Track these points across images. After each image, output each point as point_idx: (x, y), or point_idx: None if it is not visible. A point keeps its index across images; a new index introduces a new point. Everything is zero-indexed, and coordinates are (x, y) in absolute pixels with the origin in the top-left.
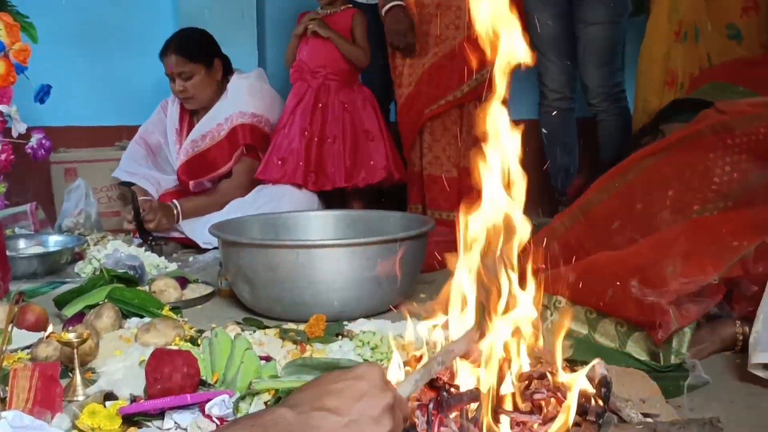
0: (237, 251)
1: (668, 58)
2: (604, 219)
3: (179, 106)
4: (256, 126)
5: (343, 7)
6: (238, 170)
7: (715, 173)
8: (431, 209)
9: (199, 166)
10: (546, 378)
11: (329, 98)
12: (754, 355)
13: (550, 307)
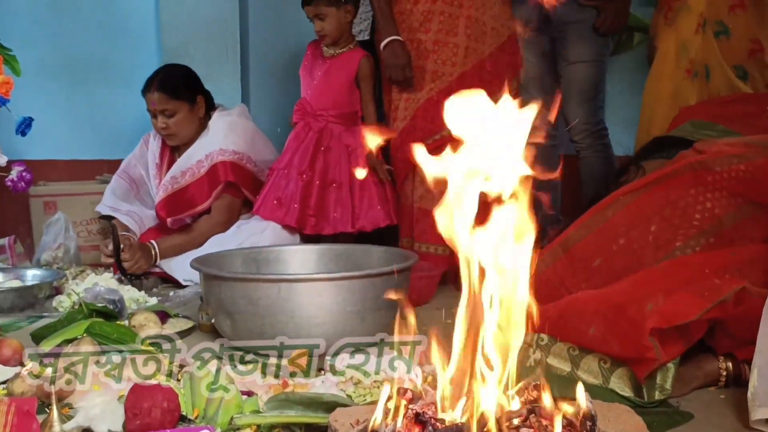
0: (218, 285)
1: (677, 95)
2: (585, 256)
3: (161, 141)
4: (237, 163)
5: (350, 46)
6: (218, 207)
7: (696, 209)
8: (419, 242)
9: (178, 202)
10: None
11: (332, 142)
12: (754, 412)
13: (533, 345)
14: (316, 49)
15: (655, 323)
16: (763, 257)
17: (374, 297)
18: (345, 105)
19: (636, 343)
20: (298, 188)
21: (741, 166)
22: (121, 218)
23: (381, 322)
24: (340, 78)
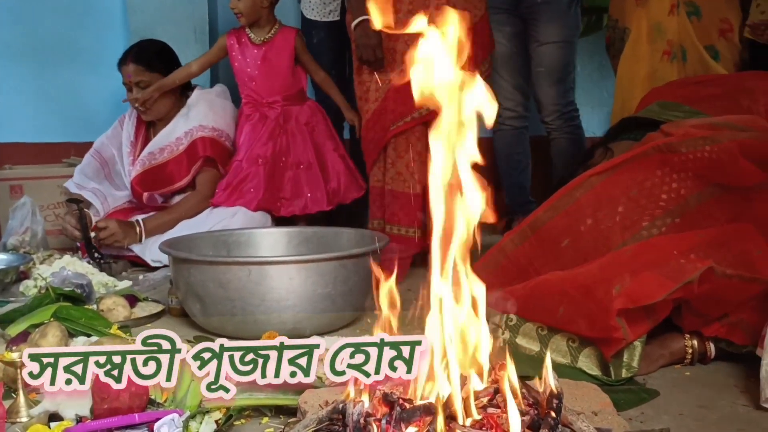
0: (188, 268)
1: (654, 78)
2: (553, 237)
3: (136, 120)
4: (217, 139)
5: (276, 28)
6: (202, 181)
7: (663, 190)
8: (390, 224)
9: (155, 178)
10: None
11: (292, 125)
12: (767, 390)
13: (502, 325)
14: (240, 37)
15: (622, 304)
16: (727, 238)
17: (344, 279)
18: (291, 86)
19: (603, 323)
20: (258, 175)
21: (707, 148)
22: (86, 194)
23: (352, 304)
24: (281, 61)
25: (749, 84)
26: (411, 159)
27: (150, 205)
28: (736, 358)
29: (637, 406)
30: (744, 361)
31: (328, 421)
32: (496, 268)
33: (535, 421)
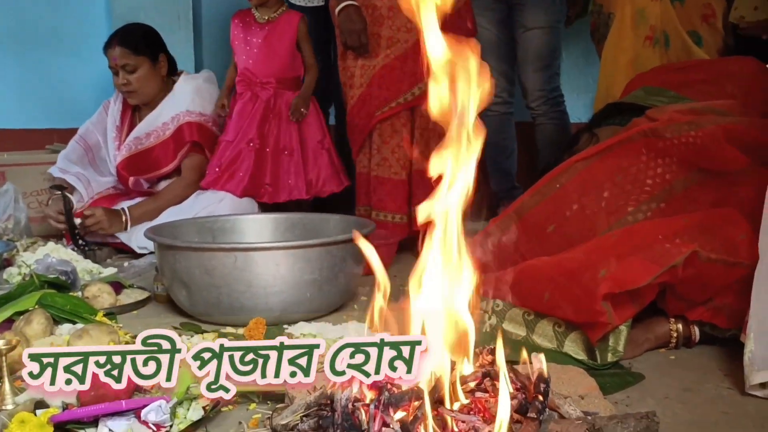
0: (173, 255)
1: (637, 64)
2: (539, 222)
3: (121, 104)
4: (203, 125)
5: (282, 9)
6: (188, 167)
7: (648, 175)
8: (376, 210)
9: (142, 163)
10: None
11: (281, 108)
12: (752, 376)
13: (488, 311)
14: (246, 17)
15: (608, 288)
16: (712, 222)
17: (331, 265)
18: (289, 70)
19: (589, 308)
20: (249, 159)
21: (691, 133)
22: (69, 179)
23: (338, 290)
24: (282, 43)
25: (733, 69)
26: (397, 145)
27: (136, 190)
28: (721, 341)
29: (623, 390)
30: (728, 344)
31: (316, 406)
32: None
33: (522, 405)
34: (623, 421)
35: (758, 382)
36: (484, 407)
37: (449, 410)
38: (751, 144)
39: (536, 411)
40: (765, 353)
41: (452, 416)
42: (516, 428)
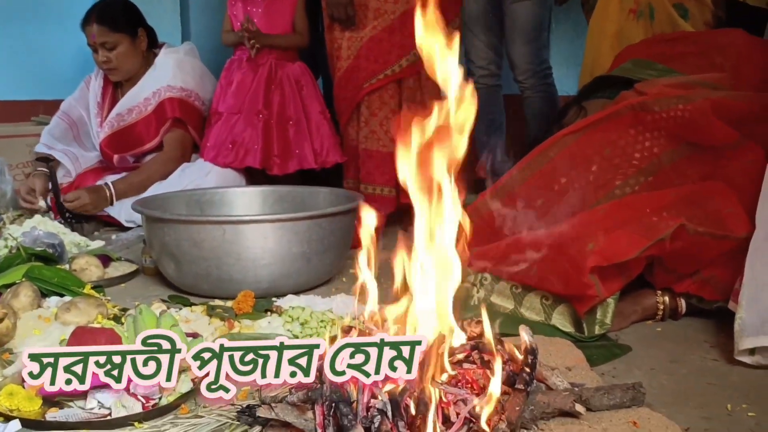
0: (161, 228)
1: (621, 36)
2: (527, 197)
3: (102, 80)
4: (185, 100)
5: None
6: (170, 142)
7: (636, 149)
8: (365, 183)
9: (124, 140)
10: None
11: (283, 78)
12: (741, 341)
13: (476, 284)
14: None
15: (596, 262)
16: (699, 196)
17: (320, 238)
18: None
19: (577, 281)
20: (258, 129)
21: (680, 106)
22: (56, 155)
23: (327, 263)
24: (283, 13)
25: (723, 41)
26: (385, 117)
27: (121, 166)
28: (707, 314)
29: (610, 362)
30: (714, 316)
31: None
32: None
33: (510, 377)
34: (610, 392)
35: (747, 347)
36: (473, 379)
37: (437, 382)
38: (740, 118)
39: (524, 382)
40: (755, 320)
41: (440, 388)
42: (504, 400)
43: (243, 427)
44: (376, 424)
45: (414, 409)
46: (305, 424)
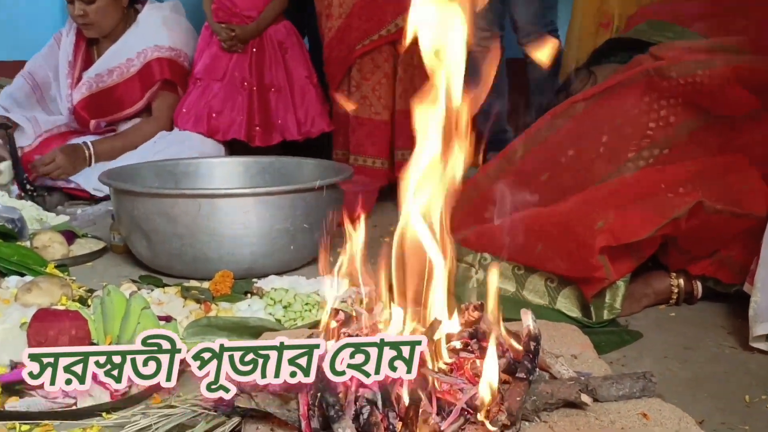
0: (132, 201)
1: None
2: (531, 170)
3: (75, 36)
4: (175, 60)
5: None
6: (160, 107)
7: (650, 118)
8: (354, 155)
9: (104, 103)
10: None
11: (265, 42)
12: (756, 327)
13: (475, 265)
14: None
15: (605, 241)
16: (718, 170)
17: (305, 214)
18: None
19: (584, 262)
20: (243, 99)
21: (699, 72)
22: (15, 117)
23: (312, 242)
24: None
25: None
26: (378, 82)
27: (97, 132)
28: (724, 297)
29: (619, 349)
30: (732, 300)
31: None
32: (469, 204)
33: (511, 365)
34: (618, 382)
35: (761, 334)
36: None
37: (431, 370)
38: (763, 85)
39: (525, 371)
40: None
41: (434, 377)
42: (504, 389)
43: (220, 419)
44: (365, 416)
45: (406, 399)
46: (288, 415)
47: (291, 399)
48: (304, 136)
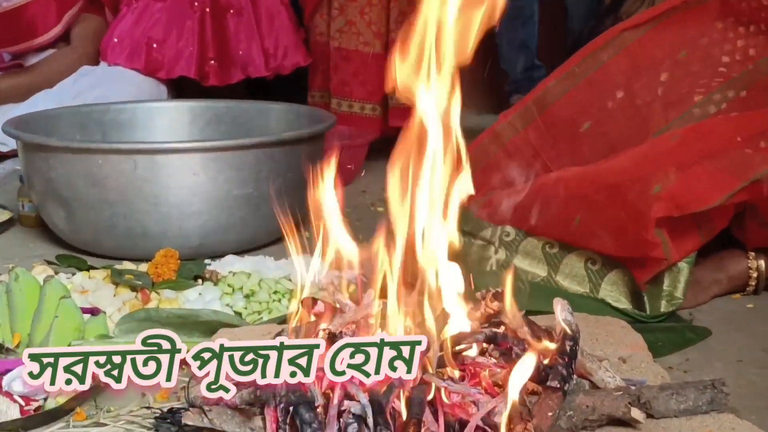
0: (46, 159)
1: None
2: (569, 118)
3: None
4: None
5: None
6: (81, 34)
7: (724, 50)
8: (338, 98)
9: (10, 29)
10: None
11: None
12: None
13: (495, 242)
14: None
15: (664, 211)
16: None
17: (272, 176)
18: None
19: (637, 238)
20: (194, 23)
21: None
22: None
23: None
24: None
25: None
26: (368, 3)
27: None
28: None
29: (681, 350)
30: None
31: None
32: (488, 161)
33: (541, 371)
34: (680, 393)
35: None
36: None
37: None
38: None
39: (559, 379)
40: None
41: (443, 386)
42: (531, 402)
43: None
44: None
45: (404, 412)
46: None
47: (254, 415)
48: (272, 73)
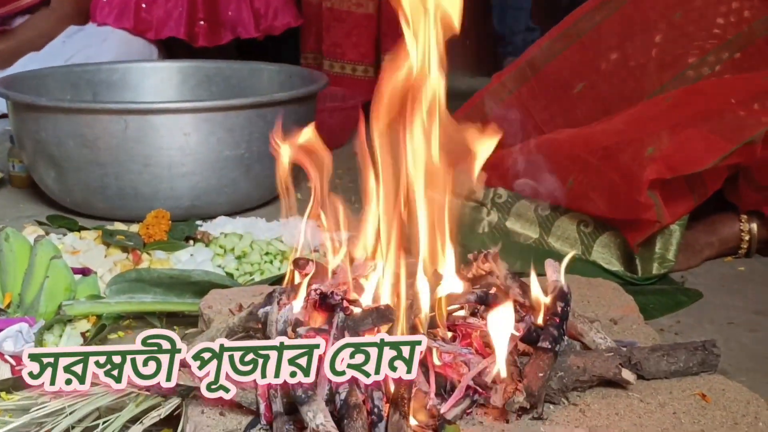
0: (36, 119)
1: None
2: (562, 79)
3: None
4: None
5: None
6: None
7: (718, 12)
8: (330, 59)
9: None
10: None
11: None
12: None
13: (487, 204)
14: None
15: (657, 173)
16: None
17: (263, 136)
18: None
19: (630, 200)
20: None
21: None
22: None
23: (273, 172)
24: None
25: None
26: None
27: None
28: None
29: (673, 312)
30: None
31: (242, 332)
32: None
33: (531, 331)
34: (670, 354)
35: None
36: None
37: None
38: None
39: (550, 339)
40: None
41: (435, 347)
42: (522, 362)
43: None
44: (342, 396)
45: None
46: (243, 396)
47: None
48: (263, 34)
